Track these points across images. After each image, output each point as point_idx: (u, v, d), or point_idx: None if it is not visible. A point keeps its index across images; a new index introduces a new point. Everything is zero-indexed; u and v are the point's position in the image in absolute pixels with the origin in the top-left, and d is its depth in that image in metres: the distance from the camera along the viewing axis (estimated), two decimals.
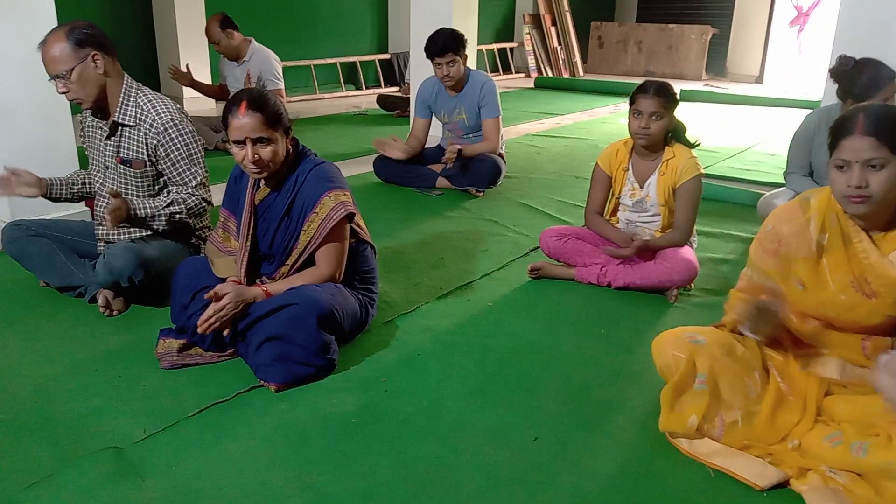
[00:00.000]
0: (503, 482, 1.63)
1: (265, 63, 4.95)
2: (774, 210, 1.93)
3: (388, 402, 1.94)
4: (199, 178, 2.47)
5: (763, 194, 3.73)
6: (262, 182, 2.16)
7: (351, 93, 8.33)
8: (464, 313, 2.53)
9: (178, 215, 2.44)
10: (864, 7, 3.79)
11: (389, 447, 1.74)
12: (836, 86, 2.94)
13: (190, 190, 2.47)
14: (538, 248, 3.01)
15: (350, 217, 2.17)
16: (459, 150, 3.97)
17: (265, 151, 2.04)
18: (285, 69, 5.52)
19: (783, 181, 3.53)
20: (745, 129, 6.47)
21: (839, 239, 1.75)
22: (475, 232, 3.44)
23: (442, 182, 4.13)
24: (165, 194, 2.48)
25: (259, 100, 2.03)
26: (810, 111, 3.37)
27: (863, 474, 1.56)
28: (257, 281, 2.21)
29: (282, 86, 4.97)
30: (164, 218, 2.42)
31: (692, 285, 2.74)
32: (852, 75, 2.87)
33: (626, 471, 1.69)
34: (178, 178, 2.46)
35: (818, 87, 8.40)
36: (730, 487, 1.63)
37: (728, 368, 1.78)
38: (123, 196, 2.37)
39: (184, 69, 4.95)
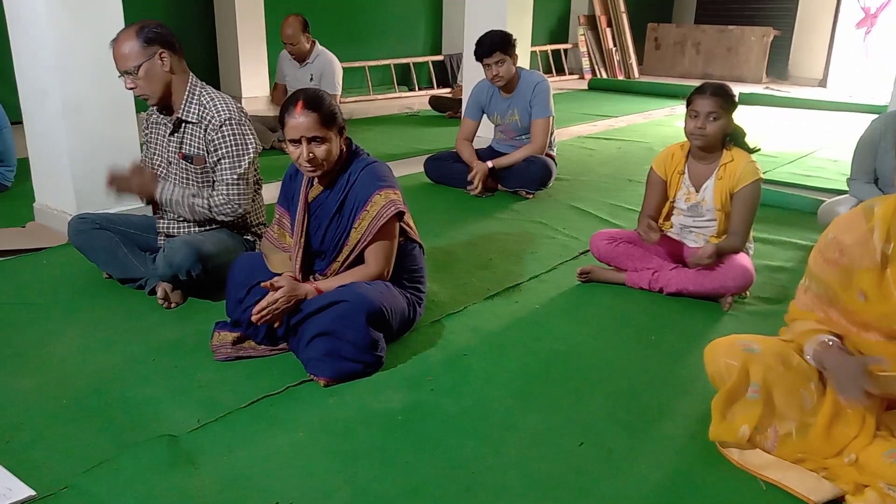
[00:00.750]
0: (546, 485, 1.62)
1: (327, 66, 5.03)
2: (836, 218, 1.86)
3: (433, 401, 1.95)
4: (235, 177, 2.48)
5: (824, 201, 3.61)
6: (316, 180, 2.20)
7: (404, 94, 8.40)
8: (511, 315, 2.52)
9: (200, 208, 2.50)
10: None
11: (434, 445, 1.75)
12: None
13: (222, 188, 2.50)
14: (588, 251, 2.98)
15: (400, 216, 2.19)
16: (492, 168, 3.99)
17: (320, 150, 2.07)
18: None
19: (846, 188, 3.41)
20: (806, 133, 6.27)
21: None
22: (524, 234, 3.42)
23: (492, 183, 4.13)
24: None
25: (315, 100, 2.07)
26: (877, 116, 3.24)
27: None
28: (310, 278, 2.25)
29: (339, 92, 5.05)
30: (185, 207, 2.49)
31: (748, 293, 2.67)
32: None
33: (673, 479, 1.66)
34: (216, 175, 2.51)
35: (885, 91, 8.09)
36: (782, 501, 1.58)
37: (783, 378, 1.73)
38: (161, 178, 2.49)
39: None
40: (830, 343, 1.70)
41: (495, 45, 3.91)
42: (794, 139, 5.95)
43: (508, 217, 3.69)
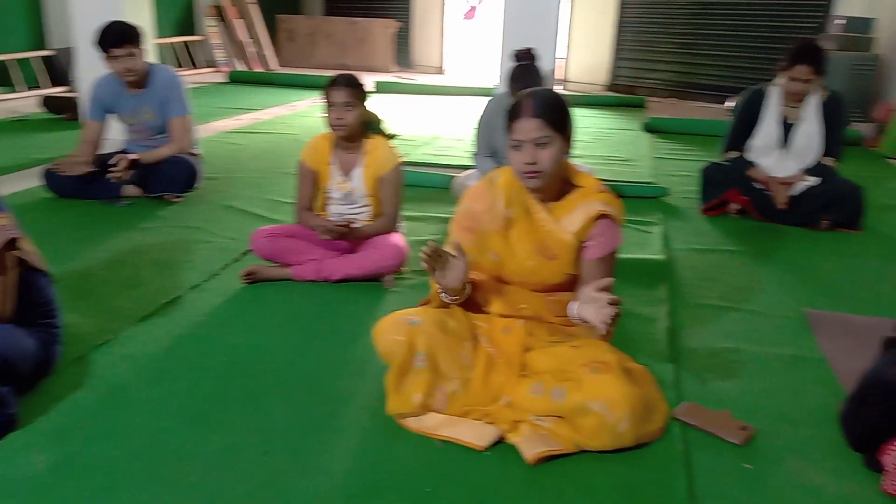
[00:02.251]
0: None
1: None
2: (467, 191, 2.09)
3: (91, 451, 1.69)
4: None
5: (455, 176, 4.05)
6: None
7: (6, 96, 7.11)
8: (172, 334, 2.31)
9: None
10: (526, 3, 4.33)
11: (100, 500, 1.52)
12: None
13: None
14: (249, 251, 2.88)
15: (12, 243, 1.83)
16: (135, 161, 3.63)
17: None
18: None
19: (472, 163, 3.85)
20: (434, 117, 6.94)
21: (522, 212, 1.95)
22: (176, 242, 3.17)
23: (131, 190, 3.73)
24: None
25: None
26: (491, 97, 3.72)
27: (563, 416, 1.77)
28: None
29: None
30: None
31: (405, 269, 2.85)
32: (512, 75, 3.34)
33: (362, 461, 1.69)
34: None
35: (492, 74, 9.37)
36: (456, 453, 1.72)
37: (443, 343, 1.89)
38: None
39: None
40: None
41: (125, 36, 3.51)
42: (426, 123, 6.55)
43: (156, 225, 3.38)
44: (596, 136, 6.08)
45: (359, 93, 2.66)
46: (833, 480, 1.67)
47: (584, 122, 6.58)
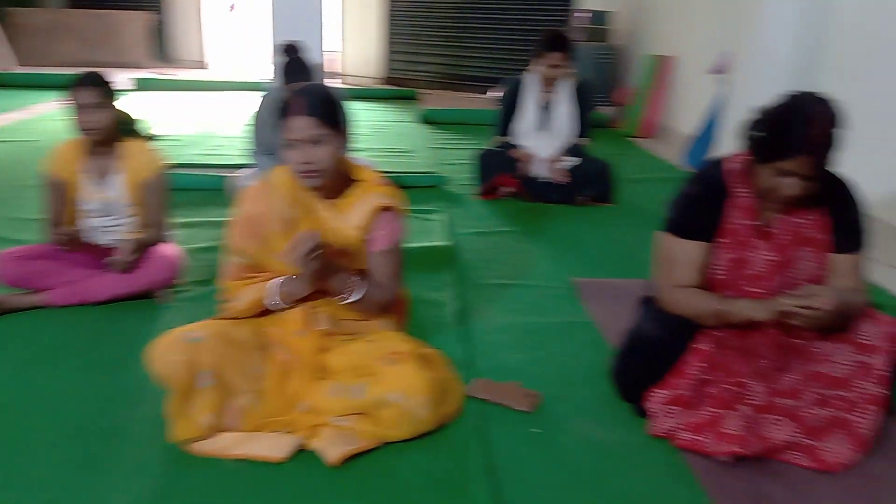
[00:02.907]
0: None
1: None
2: (245, 192, 1.98)
3: None
4: None
5: (228, 176, 3.84)
6: None
7: None
8: None
9: None
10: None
11: None
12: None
13: None
14: None
15: None
16: None
17: None
18: None
19: (248, 162, 3.68)
20: (202, 114, 6.54)
21: (305, 211, 1.90)
22: None
23: None
24: None
25: None
26: (266, 92, 3.57)
27: (364, 412, 1.75)
28: None
29: None
30: None
31: (181, 281, 2.64)
32: (283, 69, 3.29)
33: (147, 497, 1.54)
34: None
35: (259, 68, 9.04)
36: (254, 471, 1.63)
37: (230, 357, 1.78)
38: None
39: None
40: (281, 279, 1.87)
41: None
42: (193, 121, 6.14)
43: None
44: (374, 128, 6.13)
45: (107, 92, 2.40)
46: (611, 431, 1.85)
47: (362, 115, 6.61)
